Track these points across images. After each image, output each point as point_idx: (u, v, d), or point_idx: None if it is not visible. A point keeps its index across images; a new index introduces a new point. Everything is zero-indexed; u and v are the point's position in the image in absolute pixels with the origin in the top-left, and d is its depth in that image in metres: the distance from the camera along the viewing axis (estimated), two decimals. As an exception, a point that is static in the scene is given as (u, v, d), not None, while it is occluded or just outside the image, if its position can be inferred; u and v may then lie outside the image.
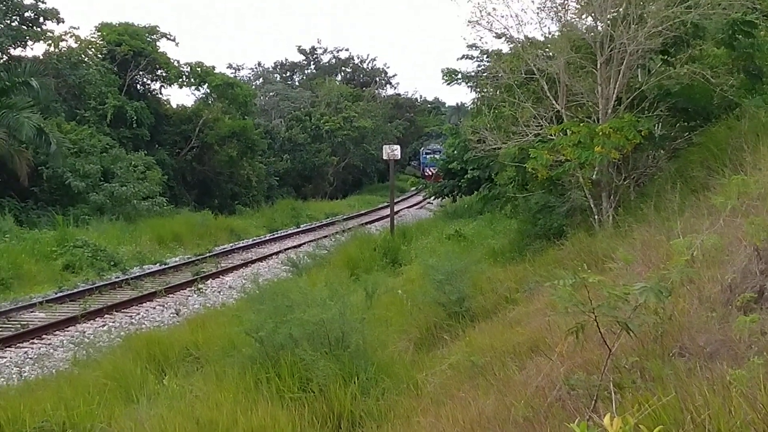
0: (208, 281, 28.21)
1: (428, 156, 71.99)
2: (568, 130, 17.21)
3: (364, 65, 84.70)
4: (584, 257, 14.24)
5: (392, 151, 36.33)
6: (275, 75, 79.42)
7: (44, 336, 20.44)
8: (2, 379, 16.10)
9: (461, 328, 14.04)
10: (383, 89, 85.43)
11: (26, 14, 41.21)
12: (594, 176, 17.67)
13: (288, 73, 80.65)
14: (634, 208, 17.26)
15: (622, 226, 16.12)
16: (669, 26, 17.90)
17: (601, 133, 16.62)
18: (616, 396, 5.50)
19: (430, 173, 66.97)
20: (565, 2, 19.85)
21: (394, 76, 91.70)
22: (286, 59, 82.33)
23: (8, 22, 40.26)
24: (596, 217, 17.96)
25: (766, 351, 5.46)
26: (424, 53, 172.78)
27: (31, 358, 18.34)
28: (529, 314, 12.76)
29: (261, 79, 75.82)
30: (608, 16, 18.42)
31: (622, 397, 5.63)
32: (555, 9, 19.80)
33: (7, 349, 18.96)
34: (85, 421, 11.22)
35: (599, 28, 18.78)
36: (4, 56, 40.62)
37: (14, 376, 16.48)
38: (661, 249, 10.45)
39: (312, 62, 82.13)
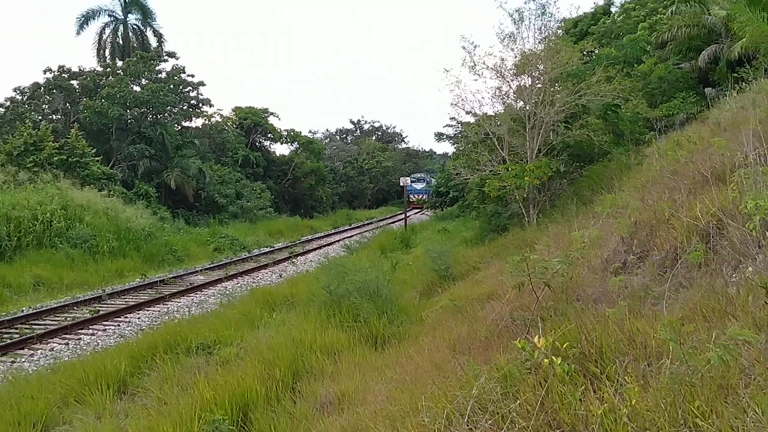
0: (298, 257, 31.09)
1: (412, 184, 72.20)
2: (509, 168, 20.21)
3: (389, 130, 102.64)
4: (519, 243, 16.29)
5: (404, 181, 43.65)
6: (336, 136, 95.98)
7: (203, 289, 22.44)
8: (179, 315, 17.18)
9: (447, 285, 15.71)
10: (399, 144, 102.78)
11: (192, 102, 47.53)
12: (525, 195, 20.49)
13: (344, 135, 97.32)
14: (549, 214, 19.60)
15: (542, 224, 18.47)
16: (568, 107, 21.12)
17: (528, 170, 19.53)
18: (541, 325, 6.41)
19: (414, 199, 71.36)
20: (507, 92, 22.93)
21: (406, 136, 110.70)
22: (343, 127, 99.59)
23: (181, 106, 46.46)
24: (526, 219, 20.83)
25: (628, 298, 6.45)
26: (426, 118, 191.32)
27: (195, 303, 19.69)
28: (487, 277, 14.33)
29: (328, 139, 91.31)
30: (532, 101, 21.37)
31: (544, 325, 6.33)
32: (501, 97, 23.06)
33: (182, 297, 20.80)
34: (227, 339, 12.48)
35: (527, 108, 21.60)
36: (179, 126, 47.44)
37: (185, 313, 17.48)
38: (565, 238, 11.61)
39: (358, 128, 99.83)
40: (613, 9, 41.40)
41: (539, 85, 21.87)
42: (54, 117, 41.87)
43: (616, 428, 3.83)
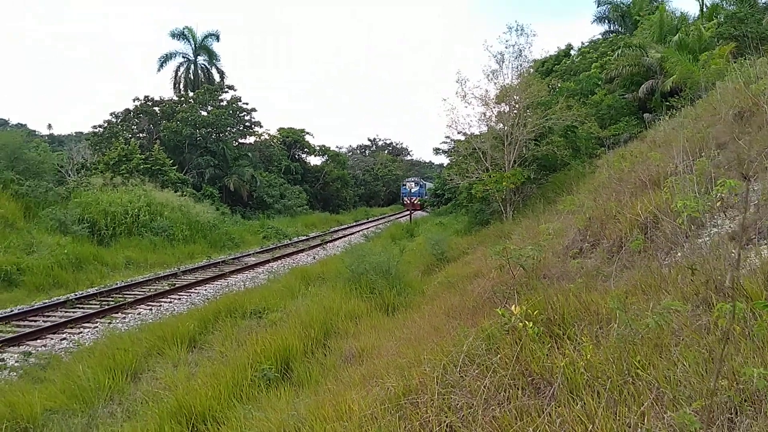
0: (328, 244, 30.59)
1: (406, 186, 67.94)
2: (491, 175, 20.57)
3: (398, 146, 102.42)
4: (499, 234, 16.89)
5: (410, 184, 48.86)
6: (357, 150, 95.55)
7: (255, 268, 22.03)
8: (235, 288, 16.72)
9: (443, 266, 15.61)
10: (405, 156, 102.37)
11: (246, 123, 47.45)
12: (503, 196, 20.76)
13: (363, 150, 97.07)
14: (522, 211, 19.95)
15: (516, 219, 18.73)
16: (537, 128, 21.41)
17: (506, 177, 20.09)
18: (516, 297, 6.23)
19: (409, 201, 64.57)
20: (490, 117, 22.92)
21: (411, 150, 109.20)
22: (362, 143, 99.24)
23: (238, 127, 46.63)
24: (504, 215, 20.89)
25: (584, 276, 6.53)
26: (428, 132, 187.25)
27: (248, 278, 19.33)
28: (474, 259, 14.15)
29: (350, 152, 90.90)
30: (509, 124, 21.50)
31: (519, 297, 6.12)
32: (486, 120, 23.05)
33: (239, 274, 20.58)
34: (273, 306, 12.37)
35: (505, 128, 21.63)
36: (236, 142, 47.37)
37: (241, 286, 17.01)
38: (535, 230, 11.74)
39: (374, 145, 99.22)
40: (573, 52, 41.42)
41: (515, 111, 21.87)
42: (141, 135, 42.00)
43: (575, 377, 3.87)
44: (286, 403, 6.28)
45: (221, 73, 52.29)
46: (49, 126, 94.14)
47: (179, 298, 16.36)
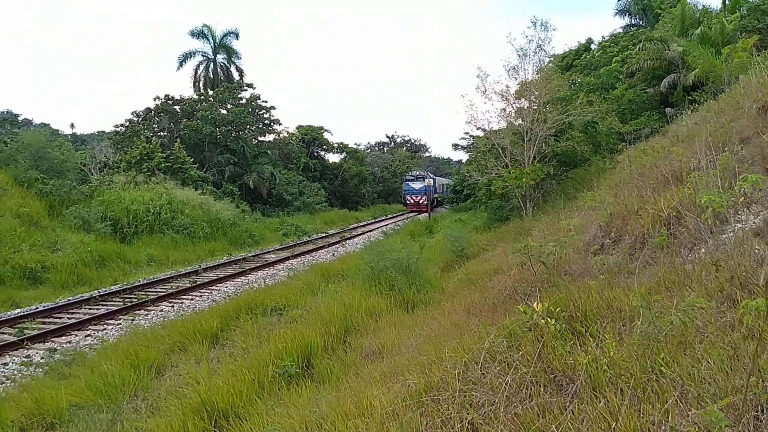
0: (347, 241, 30.64)
1: (409, 183, 58.88)
2: (511, 171, 20.61)
3: (416, 143, 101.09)
4: (519, 230, 16.69)
5: (428, 178, 46.62)
6: (375, 147, 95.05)
7: (275, 265, 22.23)
8: (256, 284, 16.78)
9: (462, 263, 15.61)
10: (424, 153, 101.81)
11: (265, 121, 47.70)
12: (523, 192, 20.87)
13: (381, 147, 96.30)
14: (542, 207, 19.85)
15: (536, 215, 18.68)
16: (557, 124, 21.47)
17: (526, 173, 20.16)
18: (538, 294, 6.34)
19: (412, 201, 56.72)
20: (510, 113, 23.04)
21: (429, 147, 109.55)
22: (380, 140, 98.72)
23: (258, 125, 46.68)
24: (524, 211, 20.94)
25: (606, 273, 6.42)
26: (447, 130, 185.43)
27: (269, 275, 19.44)
28: (493, 256, 14.23)
29: (368, 149, 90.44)
30: (529, 119, 21.48)
31: (540, 294, 6.23)
32: (505, 116, 23.23)
33: (259, 271, 20.74)
34: (294, 303, 12.47)
35: (525, 124, 21.69)
36: (256, 140, 47.51)
37: (262, 283, 17.11)
38: (555, 226, 11.67)
39: (392, 141, 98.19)
40: (593, 46, 41.13)
41: (535, 107, 21.83)
42: (161, 134, 42.39)
43: (598, 374, 3.83)
44: (307, 400, 6.32)
45: (240, 71, 52.48)
46: (72, 125, 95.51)
47: (200, 296, 16.49)
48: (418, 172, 60.87)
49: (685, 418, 3.14)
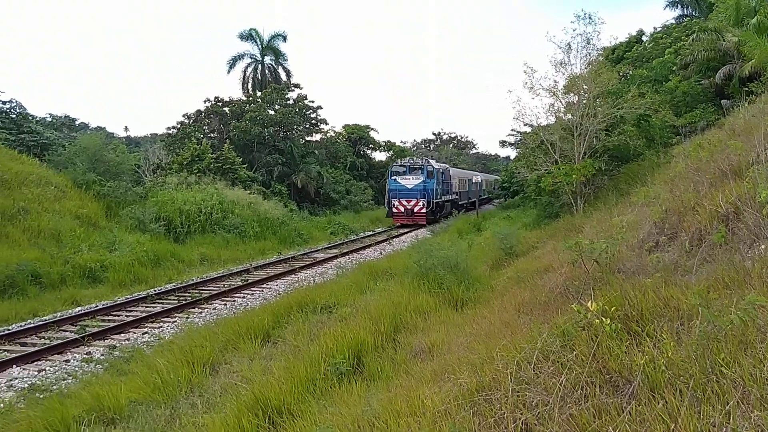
0: (394, 239, 30.75)
1: (394, 179, 37.56)
2: (560, 167, 20.62)
3: (463, 139, 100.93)
4: (569, 227, 16.73)
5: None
6: (422, 145, 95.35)
7: (323, 264, 22.40)
8: (305, 283, 17.08)
9: (511, 260, 15.53)
10: (471, 150, 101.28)
11: (312, 121, 47.61)
12: (573, 189, 20.71)
13: (428, 144, 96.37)
14: (593, 203, 19.66)
15: (587, 212, 18.52)
16: (608, 118, 21.09)
17: (576, 169, 20.04)
18: (591, 292, 6.08)
19: (402, 208, 36.54)
20: (558, 108, 22.76)
21: (477, 143, 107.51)
22: (427, 138, 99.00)
23: (305, 125, 46.86)
24: (575, 208, 20.84)
25: (662, 271, 6.33)
26: (494, 127, 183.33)
27: (318, 274, 19.69)
28: (543, 254, 14.13)
29: (415, 147, 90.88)
30: (579, 114, 21.34)
31: (594, 293, 5.99)
32: (554, 111, 22.89)
33: (308, 269, 20.94)
34: (343, 301, 12.40)
35: (574, 119, 21.47)
36: (303, 140, 47.61)
37: (311, 282, 17.55)
38: (607, 223, 11.70)
39: (438, 139, 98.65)
40: (644, 38, 40.17)
41: (584, 101, 21.65)
42: (212, 135, 43.40)
43: (656, 375, 3.77)
44: (358, 398, 6.35)
45: (287, 72, 53.35)
46: (126, 128, 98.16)
47: (252, 294, 16.77)
48: (411, 160, 40.73)
49: (747, 420, 3.06)
